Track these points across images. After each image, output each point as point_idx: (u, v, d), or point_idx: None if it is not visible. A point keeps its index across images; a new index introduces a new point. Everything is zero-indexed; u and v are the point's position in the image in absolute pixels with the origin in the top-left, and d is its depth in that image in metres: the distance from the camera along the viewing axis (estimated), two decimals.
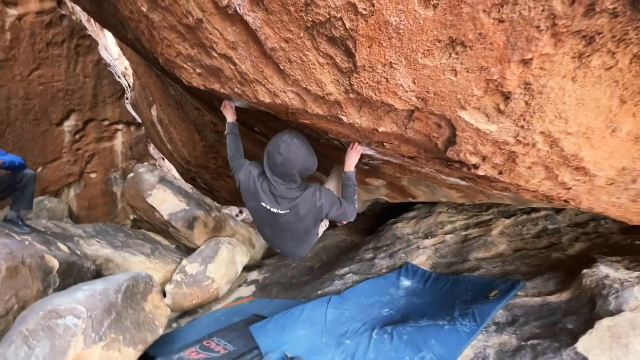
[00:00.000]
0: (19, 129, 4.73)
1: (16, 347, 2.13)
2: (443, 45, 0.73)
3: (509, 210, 4.34)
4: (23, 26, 4.19)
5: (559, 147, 0.83)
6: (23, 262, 2.72)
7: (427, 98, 0.86)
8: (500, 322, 2.27)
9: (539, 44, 0.65)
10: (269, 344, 2.47)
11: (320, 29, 0.84)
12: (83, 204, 5.96)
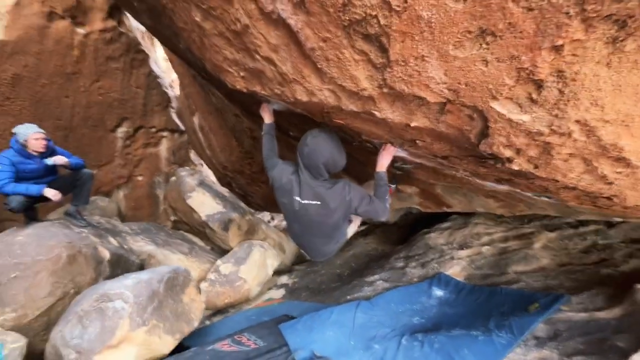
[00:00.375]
0: (79, 134, 5.26)
1: (72, 325, 2.36)
2: (473, 36, 0.77)
3: (553, 224, 4.09)
4: (88, 43, 4.71)
5: (596, 136, 0.82)
6: (80, 251, 3.02)
7: (459, 89, 0.89)
8: (541, 336, 2.16)
9: (569, 29, 0.67)
10: (297, 342, 2.52)
11: (356, 27, 0.91)
12: (130, 204, 6.43)
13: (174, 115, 6.62)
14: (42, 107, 4.65)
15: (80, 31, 4.54)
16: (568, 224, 3.96)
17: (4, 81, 4.24)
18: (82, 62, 4.74)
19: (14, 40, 4.09)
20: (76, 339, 2.30)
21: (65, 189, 3.39)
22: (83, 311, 2.39)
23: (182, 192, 5.11)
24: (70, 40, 4.49)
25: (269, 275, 4.92)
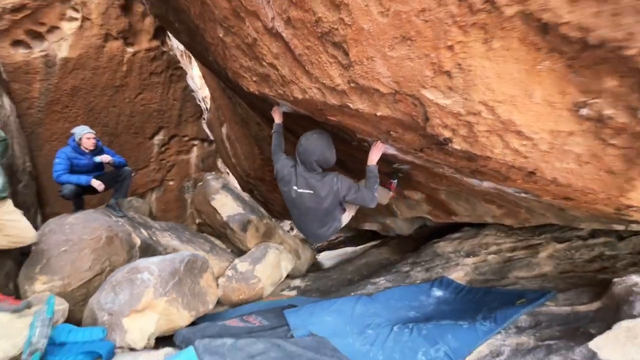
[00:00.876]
0: (122, 140, 5.98)
1: (106, 293, 2.80)
2: (399, 41, 1.09)
3: (564, 237, 4.15)
4: (135, 60, 5.47)
5: (496, 113, 1.09)
6: (116, 235, 3.51)
7: (399, 81, 1.21)
8: (522, 325, 2.30)
9: (452, 34, 0.97)
10: (297, 322, 2.79)
11: (326, 37, 1.27)
12: (160, 206, 7.06)
13: (205, 125, 7.29)
14: (93, 115, 5.41)
15: (130, 50, 5.30)
16: (579, 237, 4.00)
17: (65, 92, 5.03)
18: (129, 76, 5.48)
19: (76, 57, 4.88)
20: (109, 304, 2.73)
21: (108, 183, 3.96)
22: (116, 281, 2.83)
23: (207, 194, 5.61)
24: (121, 58, 5.25)
25: (282, 276, 5.21)
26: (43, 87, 4.77)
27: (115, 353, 2.57)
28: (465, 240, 4.80)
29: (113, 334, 2.63)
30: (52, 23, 4.51)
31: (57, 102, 5.01)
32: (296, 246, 6.32)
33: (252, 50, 1.74)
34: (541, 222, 3.74)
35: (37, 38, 4.53)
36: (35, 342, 2.07)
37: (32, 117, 4.91)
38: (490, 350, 2.17)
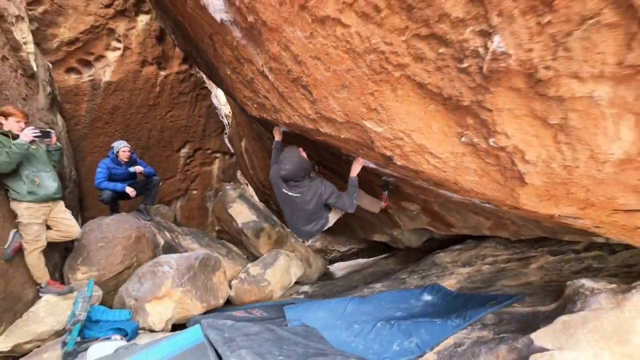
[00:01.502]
0: (152, 153, 6.75)
1: (133, 282, 3.36)
2: (340, 87, 1.53)
3: (560, 250, 4.34)
4: (167, 82, 6.26)
5: (412, 139, 1.49)
6: (144, 235, 4.12)
7: (347, 114, 1.65)
8: (487, 323, 2.60)
9: (370, 85, 1.40)
10: (293, 315, 3.21)
11: (297, 81, 1.74)
12: (184, 213, 7.76)
13: (226, 140, 7.99)
14: (129, 130, 6.21)
15: (162, 73, 6.09)
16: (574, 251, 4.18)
17: (106, 110, 5.86)
18: (161, 96, 6.27)
19: (117, 81, 5.70)
20: (135, 291, 3.28)
21: (140, 190, 4.62)
22: (141, 272, 3.39)
23: (226, 203, 6.20)
24: (155, 80, 6.05)
25: (292, 282, 5.64)
26: (89, 107, 5.61)
27: (138, 333, 3.10)
28: (464, 251, 5.04)
29: (137, 317, 3.18)
30: (99, 52, 5.36)
31: (99, 119, 5.84)
32: (307, 254, 6.74)
33: (251, 86, 2.25)
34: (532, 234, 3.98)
35: (87, 65, 5.39)
36: (77, 315, 2.63)
37: (78, 132, 5.76)
38: (454, 342, 2.49)
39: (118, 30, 5.26)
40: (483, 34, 0.94)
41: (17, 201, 2.96)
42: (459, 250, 5.17)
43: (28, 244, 3.04)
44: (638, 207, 1.25)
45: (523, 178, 1.27)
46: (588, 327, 1.96)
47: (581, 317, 2.01)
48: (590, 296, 2.16)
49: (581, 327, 1.96)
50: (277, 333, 2.69)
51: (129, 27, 5.32)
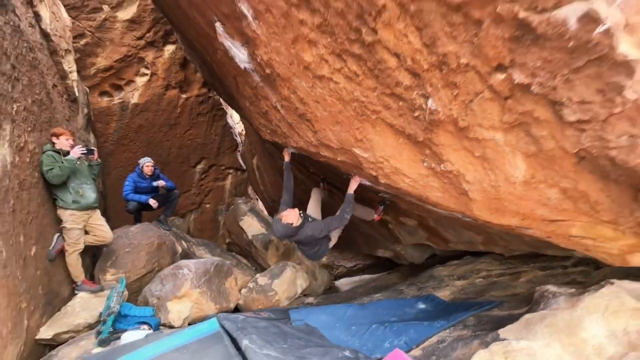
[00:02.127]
0: (171, 168, 7.37)
1: (156, 284, 3.85)
2: (335, 123, 2.03)
3: (551, 266, 4.67)
4: (187, 103, 6.94)
5: (389, 163, 1.96)
6: (164, 243, 4.64)
7: (341, 142, 2.14)
8: (468, 324, 2.98)
9: (355, 123, 1.90)
10: (296, 316, 3.63)
11: (302, 116, 2.25)
12: (197, 226, 8.30)
13: (239, 157, 8.61)
14: (151, 147, 6.86)
15: (184, 96, 6.78)
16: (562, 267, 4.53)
17: (132, 129, 6.53)
18: (181, 116, 6.94)
19: (143, 103, 6.40)
20: (158, 291, 3.77)
21: (161, 202, 5.18)
22: (163, 275, 3.89)
23: (237, 216, 6.72)
24: (176, 102, 6.73)
25: (297, 292, 6.04)
26: (117, 126, 6.29)
27: (160, 328, 3.57)
28: (461, 266, 5.40)
29: (159, 314, 3.65)
30: (129, 78, 6.08)
31: (125, 137, 6.51)
32: (313, 268, 7.14)
33: (266, 116, 2.79)
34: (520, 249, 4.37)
35: (118, 89, 6.10)
36: (112, 307, 3.12)
37: (106, 149, 6.43)
38: (438, 339, 2.88)
39: (147, 59, 5.98)
40: (424, 96, 1.43)
41: (63, 209, 3.52)
42: (456, 264, 5.52)
43: (69, 247, 3.58)
44: (555, 218, 1.69)
45: (467, 194, 1.73)
46: (545, 322, 2.35)
47: (540, 315, 2.40)
48: (551, 298, 2.54)
49: (539, 322, 2.35)
50: (282, 329, 3.13)
51: (157, 56, 6.05)
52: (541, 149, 1.23)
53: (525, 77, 1.06)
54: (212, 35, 2.41)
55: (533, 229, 2.08)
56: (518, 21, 0.96)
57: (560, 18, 0.89)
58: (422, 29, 1.18)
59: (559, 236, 2.07)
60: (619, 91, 0.92)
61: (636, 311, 2.27)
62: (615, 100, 0.94)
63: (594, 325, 2.27)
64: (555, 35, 0.92)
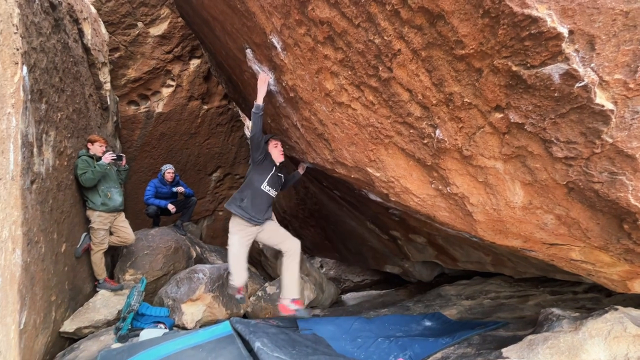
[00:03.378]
0: (188, 175, 7.68)
1: (172, 286, 4.06)
2: (350, 144, 2.22)
3: (561, 290, 4.71)
4: (207, 114, 7.28)
5: (400, 183, 2.13)
6: (180, 247, 4.87)
7: (355, 161, 2.33)
8: (473, 343, 3.08)
9: (370, 145, 2.09)
10: (304, 325, 3.77)
11: (320, 136, 2.46)
12: (210, 233, 8.55)
13: None
14: (171, 155, 7.20)
15: (205, 107, 7.14)
16: (572, 292, 4.57)
17: (154, 137, 6.89)
18: (201, 126, 7.28)
19: (167, 112, 6.76)
20: (173, 293, 3.97)
21: (179, 208, 5.45)
22: (179, 277, 4.10)
23: None
24: (198, 113, 7.08)
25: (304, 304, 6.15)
26: (141, 133, 6.66)
27: (174, 329, 3.76)
28: (470, 286, 5.45)
29: (173, 315, 3.84)
30: (155, 89, 6.47)
31: (148, 144, 6.87)
32: (321, 280, 7.25)
33: (286, 133, 3.02)
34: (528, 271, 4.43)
35: (144, 99, 6.49)
36: (133, 305, 3.34)
37: (129, 155, 6.78)
38: (442, 355, 2.98)
39: (173, 71, 6.36)
40: (432, 126, 1.61)
41: (92, 210, 3.80)
42: (464, 284, 5.58)
43: (95, 246, 3.85)
44: (553, 242, 1.83)
45: (472, 215, 1.89)
46: (547, 344, 2.44)
47: (543, 337, 2.49)
48: (555, 321, 2.63)
49: (542, 344, 2.44)
50: (290, 336, 3.28)
51: (183, 69, 6.43)
52: (536, 179, 1.40)
53: (519, 118, 1.24)
54: (242, 58, 2.66)
55: (536, 252, 2.21)
56: (512, 73, 1.14)
57: (546, 73, 1.07)
58: (432, 71, 1.38)
59: (560, 259, 2.19)
60: (598, 135, 1.09)
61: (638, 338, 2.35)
62: (596, 142, 1.11)
63: (595, 349, 2.36)
64: (542, 86, 1.10)
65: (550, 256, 2.20)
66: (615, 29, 0.94)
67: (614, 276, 2.15)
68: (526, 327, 3.14)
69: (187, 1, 3.20)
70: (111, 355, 2.72)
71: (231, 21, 2.38)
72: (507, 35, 1.06)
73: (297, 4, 1.66)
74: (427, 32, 1.26)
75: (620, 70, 0.98)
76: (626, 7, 0.91)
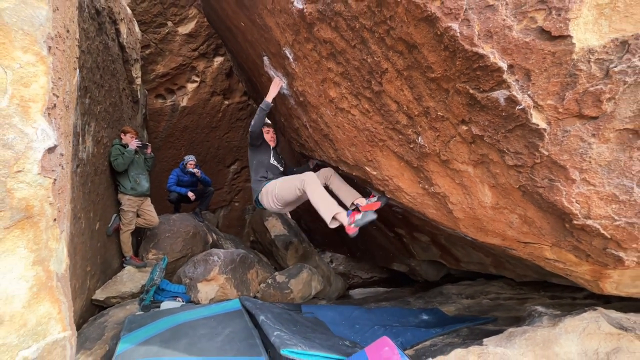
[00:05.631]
0: (208, 166, 8.17)
1: (189, 266, 4.49)
2: (351, 145, 2.52)
3: (562, 295, 4.86)
4: (228, 109, 7.72)
5: (393, 181, 2.41)
6: (198, 232, 5.32)
7: (355, 160, 2.63)
8: (461, 334, 3.34)
9: (367, 147, 2.37)
10: (307, 309, 4.12)
11: (326, 136, 2.78)
12: (225, 222, 9.03)
13: None
14: (193, 146, 7.69)
15: (226, 102, 7.57)
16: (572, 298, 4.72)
17: (178, 129, 7.39)
18: (222, 120, 7.73)
19: (190, 106, 7.24)
20: (190, 273, 4.41)
21: (198, 196, 5.90)
22: (197, 259, 4.53)
23: (263, 216, 7.33)
24: (219, 107, 7.53)
25: (311, 294, 6.51)
26: (166, 125, 7.16)
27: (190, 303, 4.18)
28: (471, 286, 5.66)
29: (190, 292, 4.27)
30: (181, 84, 6.94)
31: (171, 135, 7.37)
32: (329, 273, 7.59)
33: (296, 132, 3.35)
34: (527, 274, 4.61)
35: (170, 93, 6.98)
36: (155, 279, 3.78)
37: (154, 145, 7.30)
38: (431, 343, 3.26)
39: (198, 68, 6.81)
40: (416, 133, 1.89)
41: (123, 194, 4.27)
42: (467, 284, 5.78)
43: (124, 226, 4.32)
44: (523, 240, 2.09)
45: (453, 213, 2.16)
46: (525, 336, 2.68)
47: (523, 329, 2.73)
48: (537, 317, 2.85)
49: (520, 335, 2.69)
50: (293, 317, 3.64)
51: (207, 66, 6.87)
52: (498, 182, 1.66)
53: (479, 131, 1.50)
54: (260, 64, 3.00)
55: (516, 250, 2.47)
56: (470, 95, 1.41)
57: (494, 97, 1.33)
58: (412, 88, 1.66)
59: (538, 258, 2.44)
60: (536, 148, 1.35)
61: (610, 335, 2.57)
62: (536, 154, 1.36)
63: (568, 343, 2.59)
64: (493, 106, 1.36)
65: (527, 255, 2.44)
66: (546, 65, 1.20)
67: (586, 276, 2.37)
68: (514, 324, 3.36)
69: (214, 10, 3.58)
70: (137, 319, 3.15)
71: (251, 32, 2.72)
72: (463, 65, 1.33)
73: (305, 25, 1.97)
74: (407, 57, 1.54)
75: (552, 97, 1.24)
76: (553, 49, 1.16)
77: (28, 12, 0.95)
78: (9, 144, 0.90)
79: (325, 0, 1.69)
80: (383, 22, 1.49)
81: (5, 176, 0.88)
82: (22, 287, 0.90)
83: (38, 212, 0.94)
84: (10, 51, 0.94)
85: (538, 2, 1.12)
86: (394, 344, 2.49)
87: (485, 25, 1.19)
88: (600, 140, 1.21)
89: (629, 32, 1.08)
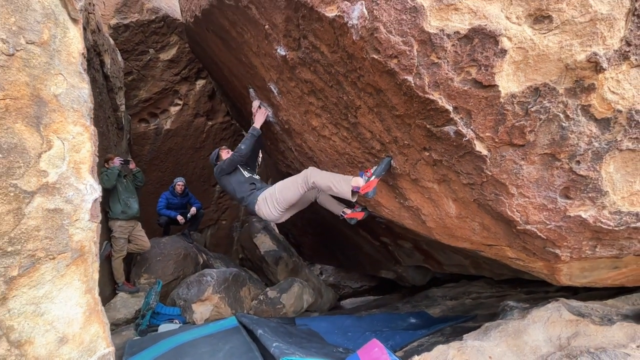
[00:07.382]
0: (194, 186, 8.33)
1: (183, 288, 4.68)
2: (334, 166, 2.86)
3: (536, 291, 5.29)
4: (212, 130, 7.97)
5: (374, 198, 2.76)
6: (189, 254, 5.50)
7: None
8: (445, 333, 3.67)
9: (348, 168, 2.73)
10: (301, 322, 4.37)
11: (310, 159, 3.09)
12: (213, 241, 9.17)
13: None
14: (178, 168, 7.87)
15: (209, 123, 7.83)
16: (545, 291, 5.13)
17: (162, 151, 7.57)
18: (206, 141, 7.96)
19: (174, 129, 7.45)
20: (184, 294, 4.59)
21: (187, 218, 6.09)
22: (190, 281, 4.72)
23: (251, 233, 7.55)
24: (203, 128, 7.77)
25: (303, 307, 6.74)
26: (150, 148, 7.34)
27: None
28: (455, 288, 6.05)
29: (185, 314, 4.45)
30: (164, 107, 7.16)
31: (156, 158, 7.54)
32: (319, 285, 7.85)
33: (282, 154, 3.66)
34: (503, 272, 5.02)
35: (154, 117, 7.18)
36: (151, 303, 3.95)
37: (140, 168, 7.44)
38: (418, 344, 3.57)
39: (181, 91, 7.06)
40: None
41: (113, 219, 4.44)
42: (450, 287, 6.17)
43: (115, 252, 4.48)
44: (487, 243, 2.45)
45: (426, 223, 2.51)
46: (499, 329, 3.04)
47: (497, 323, 3.09)
48: (509, 311, 3.22)
49: (495, 329, 3.04)
50: (288, 329, 3.88)
51: (189, 89, 7.13)
52: (458, 197, 2.01)
53: (438, 156, 1.85)
54: (245, 94, 3.32)
55: (484, 252, 2.83)
56: (427, 128, 1.76)
57: (446, 131, 1.69)
58: (382, 121, 2.00)
59: (503, 258, 2.81)
60: (482, 170, 1.70)
61: (570, 322, 2.95)
62: (482, 174, 1.72)
63: (535, 332, 2.95)
64: (446, 138, 1.72)
65: (494, 255, 2.81)
66: (482, 106, 1.55)
67: (544, 270, 2.75)
68: (492, 319, 3.71)
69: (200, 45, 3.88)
70: (137, 343, 3.32)
71: (237, 68, 3.03)
72: (419, 106, 1.68)
73: (287, 67, 2.30)
74: (375, 97, 1.88)
75: (489, 130, 1.60)
76: (485, 94, 1.52)
77: (76, 94, 1.19)
78: (69, 200, 1.13)
79: (305, 50, 2.02)
80: (354, 70, 1.83)
81: (68, 225, 1.11)
82: (78, 312, 1.12)
83: (87, 251, 1.17)
84: (65, 126, 1.17)
85: (471, 61, 1.47)
86: (382, 345, 2.78)
87: (433, 77, 1.54)
88: (529, 162, 1.57)
89: (539, 81, 1.45)
